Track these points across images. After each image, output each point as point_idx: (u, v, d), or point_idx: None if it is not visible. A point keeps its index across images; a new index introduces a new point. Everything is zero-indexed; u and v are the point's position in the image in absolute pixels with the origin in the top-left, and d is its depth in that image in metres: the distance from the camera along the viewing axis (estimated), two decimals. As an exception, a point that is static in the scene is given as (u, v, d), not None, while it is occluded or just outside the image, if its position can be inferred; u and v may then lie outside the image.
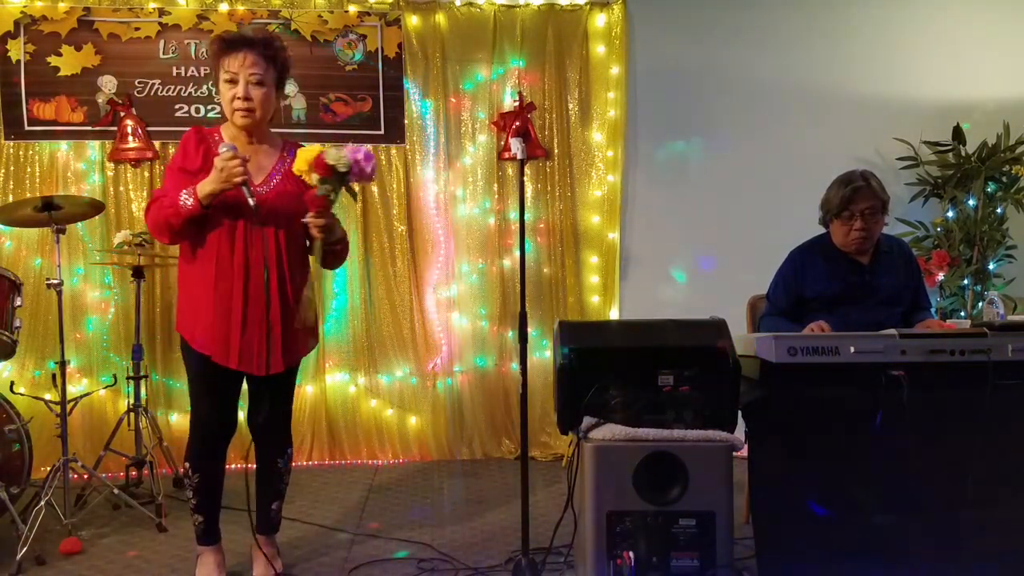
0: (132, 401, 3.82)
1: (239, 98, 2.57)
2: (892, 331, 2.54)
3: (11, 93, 4.24)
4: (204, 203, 2.50)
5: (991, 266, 4.42)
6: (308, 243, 2.73)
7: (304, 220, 2.54)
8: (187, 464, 2.74)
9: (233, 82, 2.58)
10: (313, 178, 2.49)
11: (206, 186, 2.49)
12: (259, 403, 2.80)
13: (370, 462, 4.47)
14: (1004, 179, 4.42)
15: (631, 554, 2.31)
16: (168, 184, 2.63)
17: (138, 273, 3.81)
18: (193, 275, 2.65)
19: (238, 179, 2.47)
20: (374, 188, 4.47)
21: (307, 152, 2.49)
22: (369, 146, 2.66)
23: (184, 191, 2.51)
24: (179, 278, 2.74)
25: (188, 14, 4.30)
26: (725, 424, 2.44)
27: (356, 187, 2.71)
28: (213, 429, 2.73)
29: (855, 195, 2.93)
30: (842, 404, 2.48)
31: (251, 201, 2.50)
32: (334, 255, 2.75)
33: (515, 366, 4.42)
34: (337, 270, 4.46)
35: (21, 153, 4.28)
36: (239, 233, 2.59)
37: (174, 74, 4.31)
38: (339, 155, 2.45)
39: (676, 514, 2.34)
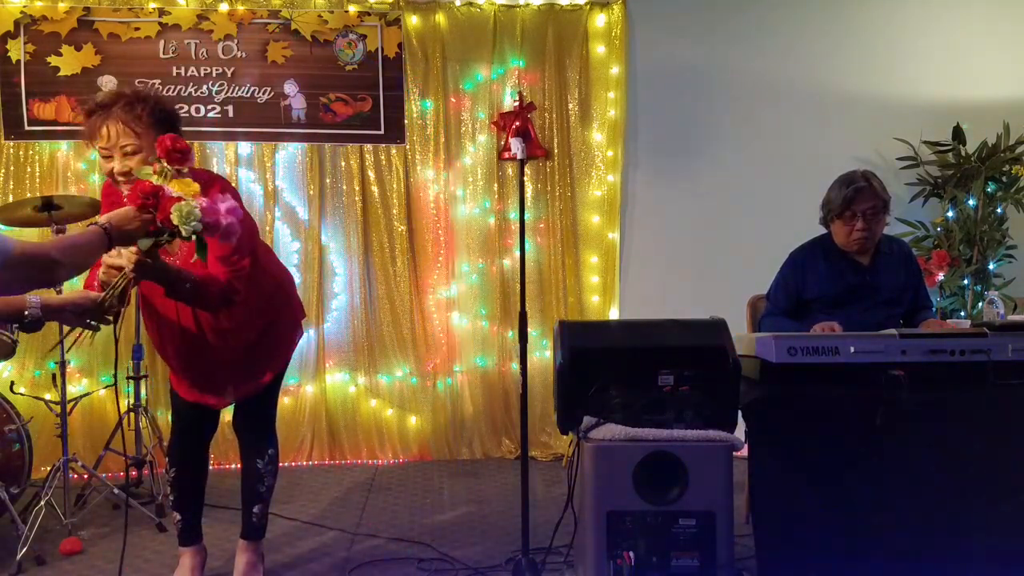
0: (132, 401, 3.82)
1: (118, 173, 2.31)
2: (892, 331, 2.54)
3: (11, 93, 4.24)
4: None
5: (991, 266, 4.42)
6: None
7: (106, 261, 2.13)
8: (167, 459, 2.77)
9: (108, 158, 2.32)
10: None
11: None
12: (240, 404, 2.77)
13: (370, 462, 4.47)
14: (1004, 179, 4.42)
15: (631, 554, 2.31)
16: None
17: (138, 273, 3.81)
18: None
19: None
20: (374, 188, 4.47)
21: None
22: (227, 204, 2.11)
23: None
24: None
25: (188, 14, 4.30)
26: (725, 424, 2.44)
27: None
28: (191, 430, 2.73)
29: (857, 195, 2.93)
30: (842, 404, 2.48)
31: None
32: (193, 297, 2.36)
33: (515, 366, 4.42)
34: (337, 271, 4.49)
35: (21, 153, 4.27)
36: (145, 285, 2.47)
37: (174, 74, 4.31)
38: (188, 211, 2.00)
39: (676, 514, 2.33)
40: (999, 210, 4.43)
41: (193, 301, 2.39)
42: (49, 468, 3.30)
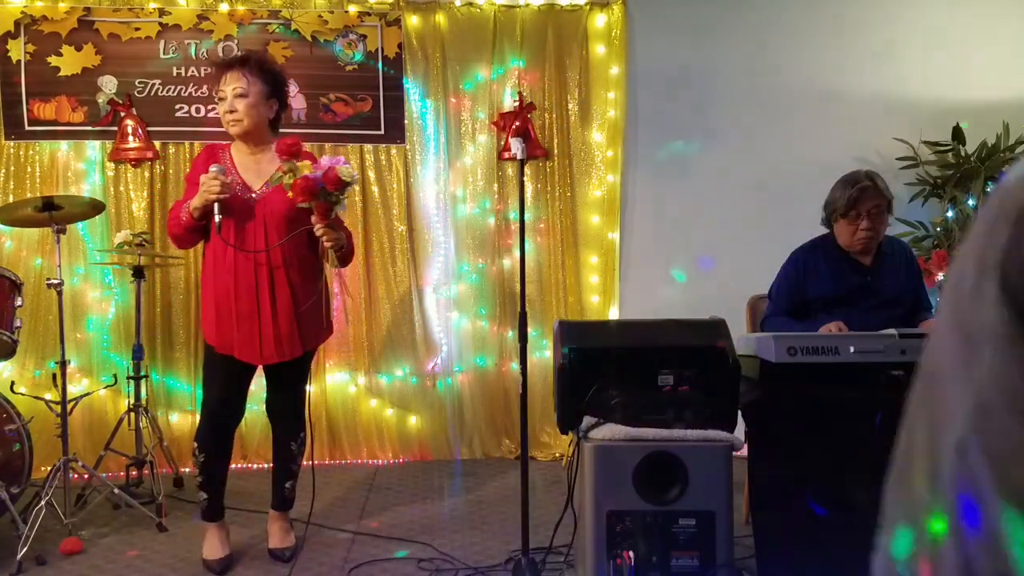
0: (132, 401, 3.82)
1: (227, 111, 2.87)
2: (892, 331, 2.54)
3: (11, 93, 4.24)
4: (195, 216, 2.78)
5: (991, 266, 4.41)
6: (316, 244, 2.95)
7: (318, 233, 2.79)
8: (195, 443, 2.97)
9: (223, 100, 2.88)
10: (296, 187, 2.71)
11: (194, 200, 2.77)
12: (273, 389, 3.08)
13: (370, 462, 4.46)
14: (1004, 179, 4.42)
15: (631, 554, 2.32)
16: (184, 196, 2.95)
17: (138, 273, 3.81)
18: (205, 273, 3.00)
19: (212, 196, 2.71)
20: (374, 188, 4.47)
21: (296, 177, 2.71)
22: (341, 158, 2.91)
23: (186, 204, 2.82)
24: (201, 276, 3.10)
25: (188, 14, 4.30)
26: (725, 424, 2.45)
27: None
28: (219, 413, 2.96)
29: (862, 195, 2.92)
30: (842, 404, 2.49)
31: (216, 218, 2.73)
32: (342, 257, 2.94)
33: (515, 366, 4.42)
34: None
35: (21, 153, 4.27)
36: (235, 235, 2.86)
37: (174, 74, 4.31)
38: (349, 170, 2.72)
39: (676, 514, 2.34)
40: (999, 210, 4.42)
41: (346, 252, 2.93)
42: (49, 468, 3.30)
